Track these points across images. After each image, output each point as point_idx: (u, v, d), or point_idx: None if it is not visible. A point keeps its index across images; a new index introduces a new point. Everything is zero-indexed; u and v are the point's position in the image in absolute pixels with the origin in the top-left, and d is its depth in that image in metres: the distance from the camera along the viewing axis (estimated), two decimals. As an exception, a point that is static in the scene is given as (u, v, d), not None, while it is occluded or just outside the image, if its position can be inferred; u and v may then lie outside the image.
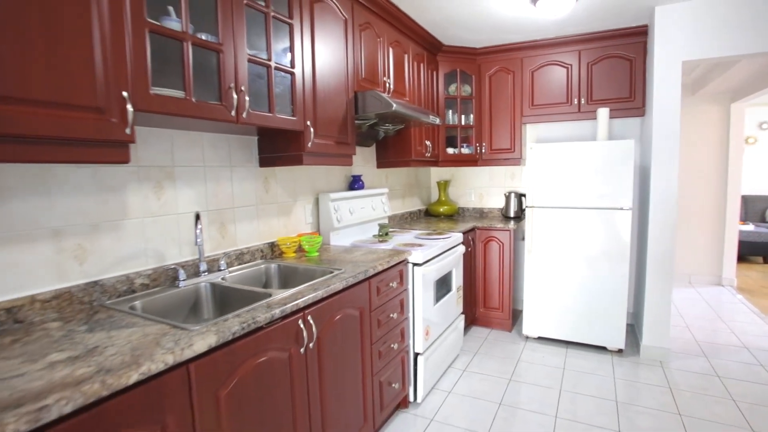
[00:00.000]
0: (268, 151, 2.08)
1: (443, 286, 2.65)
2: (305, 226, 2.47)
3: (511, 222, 3.46)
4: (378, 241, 2.58)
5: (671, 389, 2.50)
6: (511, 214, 3.71)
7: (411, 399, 2.40)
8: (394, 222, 3.52)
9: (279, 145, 2.02)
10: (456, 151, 3.63)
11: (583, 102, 3.25)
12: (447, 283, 2.72)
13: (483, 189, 4.03)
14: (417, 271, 2.29)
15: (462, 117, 3.65)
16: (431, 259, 2.42)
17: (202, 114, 1.40)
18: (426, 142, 3.22)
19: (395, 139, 3.08)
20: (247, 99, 1.56)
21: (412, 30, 2.92)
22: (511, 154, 3.56)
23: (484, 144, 3.64)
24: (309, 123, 1.93)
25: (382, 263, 1.98)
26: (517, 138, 3.53)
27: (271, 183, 2.21)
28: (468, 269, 3.31)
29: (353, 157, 2.88)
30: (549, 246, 3.11)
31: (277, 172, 2.25)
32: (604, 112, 3.07)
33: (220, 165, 1.90)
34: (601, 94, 3.20)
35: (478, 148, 3.65)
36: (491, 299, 3.47)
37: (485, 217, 3.83)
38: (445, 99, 3.52)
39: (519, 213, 3.71)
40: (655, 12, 2.68)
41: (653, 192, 2.78)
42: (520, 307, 3.96)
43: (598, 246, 2.95)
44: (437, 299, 2.55)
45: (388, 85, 2.65)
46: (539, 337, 3.29)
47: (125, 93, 1.15)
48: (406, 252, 2.26)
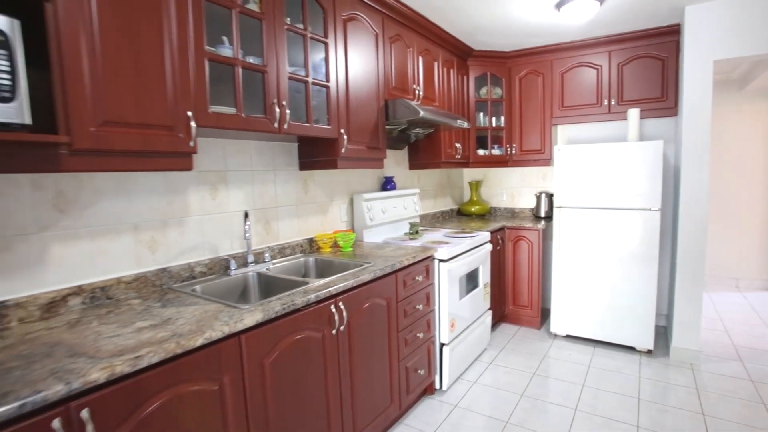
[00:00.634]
0: (306, 156, 2.32)
1: (470, 282, 2.79)
2: (340, 224, 2.70)
3: (542, 222, 3.53)
4: (408, 239, 2.77)
5: (698, 390, 2.51)
6: (542, 214, 3.77)
7: (437, 386, 2.56)
8: (426, 221, 3.68)
9: (316, 151, 2.25)
10: (486, 153, 3.73)
11: (614, 103, 3.27)
12: (474, 280, 2.86)
13: (515, 189, 4.11)
14: (443, 267, 2.45)
15: (492, 119, 3.75)
16: (457, 256, 2.57)
17: (250, 126, 1.64)
18: (456, 144, 3.36)
19: (426, 142, 3.24)
20: (288, 112, 1.79)
21: (441, 38, 3.07)
22: (541, 155, 3.62)
23: (514, 145, 3.72)
24: (342, 131, 2.14)
25: (408, 258, 2.17)
26: (547, 139, 3.59)
27: (310, 184, 2.45)
28: (497, 267, 3.41)
29: (385, 160, 3.08)
30: (577, 246, 3.16)
31: (315, 174, 2.49)
32: (634, 112, 3.08)
33: (264, 169, 2.16)
34: (632, 94, 3.20)
35: (508, 149, 3.74)
36: (520, 297, 3.56)
37: (516, 217, 3.91)
38: (476, 102, 3.64)
39: (549, 213, 3.76)
40: (685, 12, 2.68)
41: (683, 193, 2.77)
42: (549, 306, 4.00)
43: (625, 246, 2.97)
44: (463, 294, 2.69)
45: (417, 92, 2.82)
46: (567, 336, 3.34)
47: (189, 112, 1.41)
48: (432, 249, 2.43)
